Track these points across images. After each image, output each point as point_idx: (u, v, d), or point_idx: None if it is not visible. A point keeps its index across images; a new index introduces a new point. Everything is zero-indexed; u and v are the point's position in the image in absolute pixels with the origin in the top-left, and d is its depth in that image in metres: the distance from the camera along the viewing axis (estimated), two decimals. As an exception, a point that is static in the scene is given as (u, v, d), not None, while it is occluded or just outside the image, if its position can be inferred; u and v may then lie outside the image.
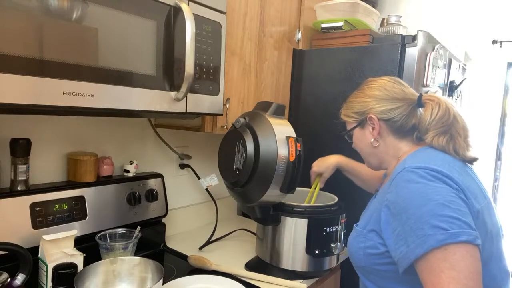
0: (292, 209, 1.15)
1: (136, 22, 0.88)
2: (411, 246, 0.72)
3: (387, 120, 0.92)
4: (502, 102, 2.00)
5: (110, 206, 1.18)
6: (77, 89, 0.78)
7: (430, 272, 0.69)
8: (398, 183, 0.79)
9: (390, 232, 0.78)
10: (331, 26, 1.62)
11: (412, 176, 0.77)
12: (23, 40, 0.69)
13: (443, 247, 0.68)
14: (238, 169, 1.07)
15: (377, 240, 0.83)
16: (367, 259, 0.84)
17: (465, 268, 0.67)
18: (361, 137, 0.98)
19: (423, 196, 0.74)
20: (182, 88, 0.96)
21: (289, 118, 1.65)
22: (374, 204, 0.89)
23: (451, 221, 0.70)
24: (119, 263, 0.94)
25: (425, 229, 0.70)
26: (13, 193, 0.99)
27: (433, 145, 0.87)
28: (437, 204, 0.72)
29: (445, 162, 0.81)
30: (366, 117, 0.94)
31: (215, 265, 1.19)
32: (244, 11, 1.32)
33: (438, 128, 0.87)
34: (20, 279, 0.85)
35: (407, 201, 0.75)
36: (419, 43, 1.35)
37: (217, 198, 1.57)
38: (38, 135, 1.11)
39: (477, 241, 0.69)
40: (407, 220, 0.74)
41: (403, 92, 0.93)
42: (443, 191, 0.74)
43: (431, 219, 0.70)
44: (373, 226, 0.84)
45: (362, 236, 0.86)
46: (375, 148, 0.96)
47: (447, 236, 0.68)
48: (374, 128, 0.94)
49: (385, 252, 0.81)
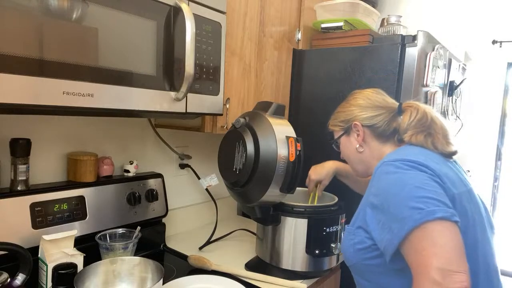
0: (292, 209, 1.15)
1: (136, 22, 0.88)
2: (394, 231, 0.75)
3: (370, 126, 0.99)
4: (502, 102, 2.00)
5: (110, 206, 1.18)
6: (77, 89, 0.78)
7: (414, 252, 0.71)
8: (377, 176, 0.84)
9: (375, 224, 0.81)
10: (331, 26, 1.62)
11: (390, 168, 0.82)
12: (23, 40, 0.69)
13: (422, 226, 0.71)
14: (238, 169, 1.07)
15: (363, 235, 0.86)
16: (357, 255, 0.87)
17: (445, 243, 0.69)
18: (348, 144, 1.04)
19: (399, 183, 0.78)
20: (182, 88, 0.96)
21: (289, 118, 1.65)
22: (361, 202, 0.92)
23: (426, 200, 0.73)
24: (119, 263, 0.94)
25: (404, 212, 0.74)
26: (13, 193, 0.99)
27: (412, 142, 0.92)
28: (413, 187, 0.75)
29: (422, 154, 0.86)
30: (351, 124, 1.01)
31: (215, 265, 1.19)
32: (244, 11, 1.32)
33: (417, 128, 0.92)
34: (20, 279, 0.85)
35: (386, 191, 0.80)
36: (419, 43, 1.35)
37: (217, 198, 1.57)
38: (38, 135, 1.11)
39: (454, 218, 0.71)
40: (388, 208, 0.78)
41: (384, 101, 1.01)
42: (418, 176, 0.78)
43: (408, 202, 0.74)
44: (359, 223, 0.87)
45: (351, 234, 0.89)
46: (360, 153, 1.02)
47: (424, 215, 0.71)
48: (358, 135, 1.00)
49: (371, 245, 0.84)
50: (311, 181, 1.32)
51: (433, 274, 0.66)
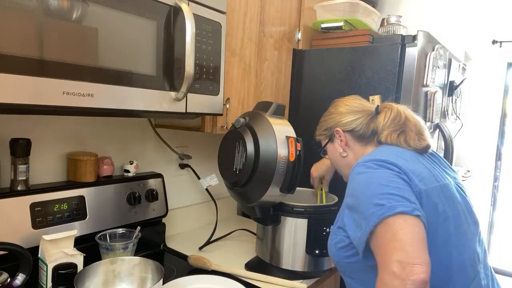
0: (292, 209, 1.15)
1: (136, 22, 0.88)
2: (363, 228, 0.77)
3: (351, 130, 1.02)
4: (502, 102, 2.00)
5: (110, 206, 1.18)
6: (77, 89, 0.78)
7: (378, 247, 0.74)
8: (352, 177, 0.87)
9: (351, 223, 0.84)
10: (331, 26, 1.62)
11: (361, 168, 0.85)
12: (23, 40, 0.69)
13: (384, 221, 0.73)
14: (238, 169, 1.07)
15: (342, 234, 0.88)
16: (338, 254, 0.90)
17: (405, 236, 0.70)
18: (333, 150, 1.07)
19: (367, 182, 0.82)
20: (182, 88, 0.96)
21: (289, 118, 1.65)
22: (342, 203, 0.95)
23: (389, 197, 0.75)
24: (119, 263, 0.94)
25: (369, 209, 0.76)
26: (13, 193, 0.99)
27: (387, 142, 0.96)
28: (378, 185, 0.79)
29: (393, 153, 0.89)
30: (333, 131, 1.05)
31: (215, 265, 1.19)
32: (244, 11, 1.32)
33: (392, 128, 0.96)
34: (20, 279, 0.85)
35: (357, 190, 0.83)
36: (419, 43, 1.35)
37: (217, 198, 1.57)
38: (38, 135, 1.11)
39: (415, 212, 0.73)
40: (358, 206, 0.80)
41: (361, 105, 1.05)
42: (384, 174, 0.81)
43: (373, 199, 0.77)
44: (339, 223, 0.90)
45: (333, 233, 0.92)
46: (345, 158, 1.05)
47: (385, 210, 0.73)
48: (341, 140, 1.04)
49: (349, 244, 0.86)
50: (314, 179, 1.34)
51: (392, 267, 0.68)
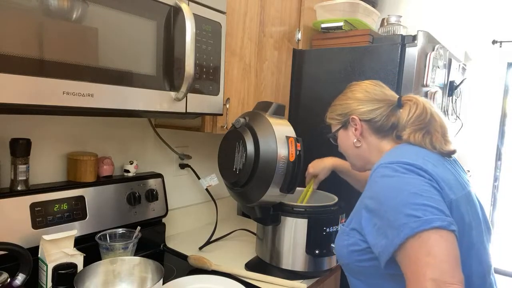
0: (292, 209, 1.15)
1: (136, 22, 0.88)
2: (389, 238, 0.73)
3: (368, 120, 0.96)
4: (502, 102, 2.00)
5: (110, 206, 1.18)
6: (77, 89, 0.78)
7: (409, 261, 0.70)
8: (374, 179, 0.82)
9: (371, 228, 0.79)
10: (331, 26, 1.62)
11: (386, 171, 0.80)
12: (23, 40, 0.69)
13: (418, 235, 0.69)
14: (238, 169, 1.07)
15: (358, 237, 0.84)
16: (350, 256, 0.86)
17: (440, 252, 0.67)
18: (345, 138, 1.02)
19: (396, 188, 0.76)
20: (182, 88, 0.96)
21: (289, 118, 1.65)
22: (357, 203, 0.91)
23: (424, 208, 0.71)
24: (119, 263, 0.94)
25: (400, 219, 0.71)
26: (13, 193, 0.99)
27: (410, 141, 0.90)
28: (410, 194, 0.73)
29: (419, 155, 0.83)
30: (349, 118, 0.98)
31: (215, 265, 1.19)
32: (244, 11, 1.32)
33: (415, 125, 0.90)
34: (20, 279, 0.85)
35: (382, 195, 0.77)
36: (419, 43, 1.35)
37: (217, 198, 1.57)
38: (38, 135, 1.11)
39: (452, 227, 0.70)
40: (384, 213, 0.75)
41: (383, 93, 0.97)
42: (415, 181, 0.76)
43: (405, 209, 0.72)
44: (354, 225, 0.86)
45: (346, 234, 0.88)
46: (357, 148, 0.99)
47: (420, 223, 0.69)
48: (356, 129, 0.98)
49: (366, 248, 0.82)
50: (308, 174, 1.33)
51: (426, 285, 0.64)
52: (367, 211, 0.81)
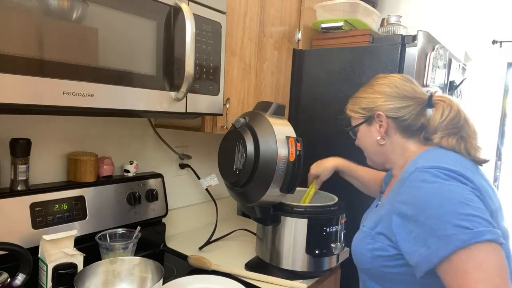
0: (292, 209, 1.15)
1: (136, 22, 0.88)
2: (432, 248, 0.69)
3: (396, 118, 0.90)
4: (502, 102, 2.00)
5: (110, 206, 1.18)
6: (77, 89, 0.78)
7: (455, 274, 0.67)
8: (411, 183, 0.77)
9: (405, 235, 0.75)
10: (331, 26, 1.62)
11: (426, 176, 0.75)
12: (23, 40, 0.69)
13: (468, 247, 0.66)
14: (238, 169, 1.07)
15: (386, 242, 0.80)
16: (375, 261, 0.82)
17: (492, 267, 0.64)
18: (367, 134, 0.96)
19: (440, 195, 0.71)
20: (182, 88, 0.96)
21: (289, 118, 1.65)
22: (383, 206, 0.86)
23: (473, 219, 0.67)
24: (119, 263, 0.94)
25: (447, 229, 0.68)
26: (13, 193, 0.99)
27: (442, 145, 0.85)
28: (457, 203, 0.69)
29: (457, 161, 0.79)
30: (374, 113, 0.92)
31: (215, 265, 1.19)
32: (244, 11, 1.32)
33: (449, 129, 0.85)
34: (20, 279, 0.85)
35: (423, 201, 0.73)
36: (419, 43, 1.35)
37: (217, 198, 1.57)
38: (38, 135, 1.11)
39: (501, 239, 0.67)
40: (425, 221, 0.71)
41: (413, 90, 0.91)
42: (459, 189, 0.72)
43: (453, 219, 0.68)
44: (382, 229, 0.82)
45: (370, 238, 0.84)
46: (381, 146, 0.94)
47: (471, 236, 0.66)
48: (381, 126, 0.92)
49: (395, 254, 0.79)
50: (310, 175, 1.31)
51: None
52: (401, 217, 0.76)
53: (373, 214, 0.92)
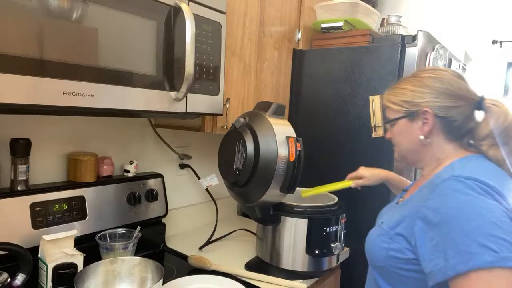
0: (292, 209, 1.15)
1: (136, 22, 0.88)
2: (450, 261, 0.67)
3: (444, 118, 0.82)
4: (502, 102, 2.00)
5: (110, 206, 1.18)
6: (77, 89, 0.78)
7: None
8: (443, 191, 0.73)
9: (425, 241, 0.72)
10: (331, 26, 1.62)
11: (460, 186, 0.71)
12: (23, 40, 0.69)
13: (489, 269, 0.63)
14: (238, 169, 1.07)
15: (404, 245, 0.77)
16: (389, 261, 0.80)
17: None
18: (407, 130, 0.87)
19: (472, 210, 0.68)
20: (182, 88, 0.96)
21: (289, 118, 1.65)
22: (405, 206, 0.82)
23: (501, 243, 0.64)
24: (119, 263, 0.94)
25: (471, 246, 0.65)
26: (13, 193, 0.99)
27: (489, 155, 0.80)
28: (488, 222, 0.66)
29: (498, 176, 0.75)
30: (420, 109, 0.83)
31: (215, 265, 1.19)
32: (244, 11, 1.32)
33: (500, 139, 0.79)
34: (20, 279, 0.85)
35: (452, 212, 0.69)
36: (419, 43, 1.35)
37: (217, 198, 1.57)
38: (38, 135, 1.11)
39: None
40: (449, 232, 0.68)
41: (466, 90, 0.83)
42: (494, 208, 0.68)
43: (480, 237, 0.65)
44: (402, 231, 0.78)
45: (388, 237, 0.81)
46: (420, 145, 0.86)
47: (496, 259, 0.63)
48: (426, 124, 0.83)
49: (412, 259, 0.76)
50: (356, 172, 1.24)
51: None
52: (425, 223, 0.73)
53: (394, 212, 0.88)
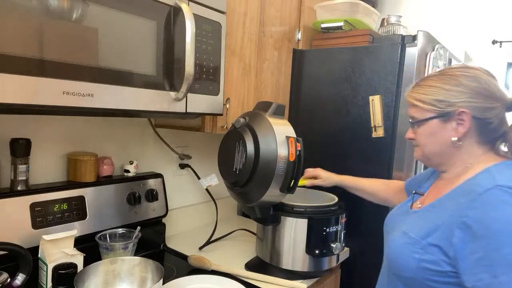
0: (292, 209, 1.15)
1: (136, 22, 0.88)
2: (501, 277, 0.63)
3: (480, 119, 0.78)
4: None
5: (110, 206, 1.18)
6: (77, 89, 0.78)
7: None
8: (488, 201, 0.69)
9: (467, 254, 0.69)
10: (331, 26, 1.62)
11: (507, 197, 0.67)
12: (23, 40, 0.69)
13: None
14: (238, 169, 1.07)
15: (440, 256, 0.73)
16: (421, 273, 0.75)
17: None
18: (438, 131, 0.81)
19: None
20: (182, 88, 0.96)
21: (289, 118, 1.65)
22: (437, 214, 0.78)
23: None
24: (119, 263, 0.94)
25: None
26: (13, 193, 0.99)
27: None
28: None
29: None
30: (455, 110, 0.78)
31: (215, 265, 1.19)
32: (244, 11, 1.32)
33: None
34: (20, 279, 0.85)
35: (501, 226, 0.65)
36: (419, 43, 1.35)
37: (217, 198, 1.57)
38: (38, 135, 1.11)
39: None
40: (497, 247, 0.65)
41: (500, 90, 0.79)
42: None
43: None
44: (436, 241, 0.74)
45: (419, 247, 0.76)
46: (450, 147, 0.81)
47: None
48: (461, 125, 0.79)
49: (449, 271, 0.72)
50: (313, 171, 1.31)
51: None
52: (467, 234, 0.69)
53: (417, 218, 0.83)
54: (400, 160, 1.35)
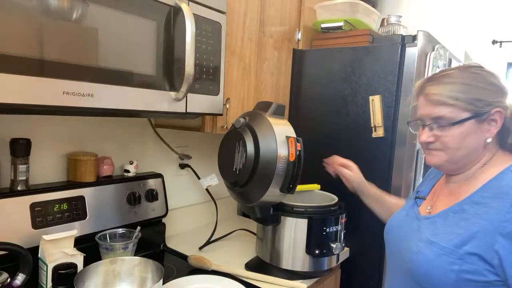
0: (292, 209, 1.15)
1: (136, 22, 0.88)
2: None
3: (506, 118, 0.77)
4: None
5: (110, 206, 1.18)
6: (77, 89, 0.78)
7: None
8: None
9: None
10: (331, 26, 1.62)
11: None
12: (23, 40, 0.69)
13: None
14: (238, 169, 1.07)
15: (482, 265, 0.70)
16: (463, 285, 0.71)
17: None
18: (472, 132, 0.77)
19: None
20: (182, 88, 0.96)
21: (289, 118, 1.65)
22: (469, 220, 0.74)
23: None
24: (119, 263, 0.94)
25: None
26: (13, 193, 0.99)
27: None
28: None
29: None
30: (492, 110, 0.75)
31: (215, 265, 1.19)
32: (244, 11, 1.32)
33: None
34: (20, 279, 0.85)
35: None
36: (419, 43, 1.35)
37: (217, 198, 1.57)
38: (38, 135, 1.11)
39: None
40: None
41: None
42: None
43: None
44: (475, 249, 0.70)
45: (456, 257, 0.72)
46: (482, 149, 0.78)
47: None
48: (493, 125, 0.77)
49: (494, 281, 0.69)
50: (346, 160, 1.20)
51: None
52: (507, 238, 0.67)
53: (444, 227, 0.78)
54: (400, 160, 1.36)
